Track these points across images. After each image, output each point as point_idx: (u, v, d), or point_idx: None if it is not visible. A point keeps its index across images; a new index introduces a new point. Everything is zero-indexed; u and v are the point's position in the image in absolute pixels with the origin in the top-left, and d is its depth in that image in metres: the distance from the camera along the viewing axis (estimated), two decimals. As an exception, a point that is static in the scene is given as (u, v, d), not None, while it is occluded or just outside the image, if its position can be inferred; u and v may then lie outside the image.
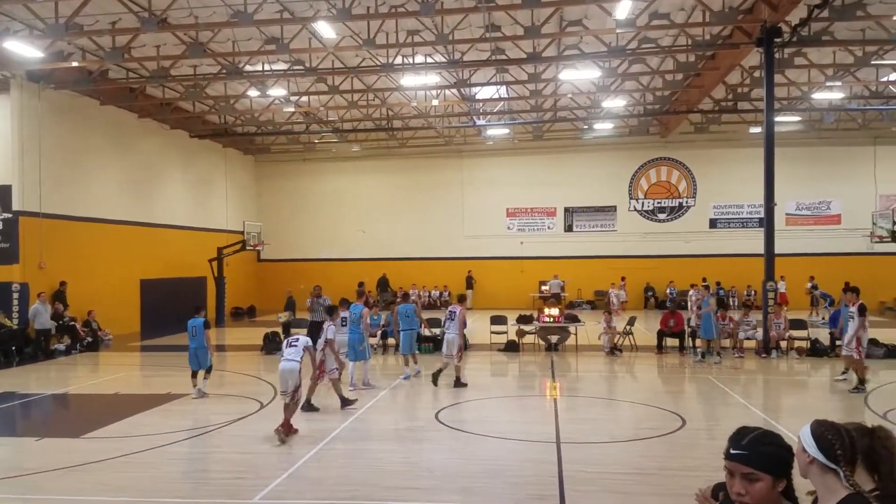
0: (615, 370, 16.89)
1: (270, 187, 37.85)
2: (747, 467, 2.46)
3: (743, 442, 2.51)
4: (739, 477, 2.48)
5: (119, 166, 26.08)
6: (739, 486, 2.47)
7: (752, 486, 2.44)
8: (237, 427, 10.95)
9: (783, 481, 2.46)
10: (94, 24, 18.79)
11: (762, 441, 2.50)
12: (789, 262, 28.08)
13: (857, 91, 27.58)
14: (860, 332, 13.52)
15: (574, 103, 29.27)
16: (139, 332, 26.01)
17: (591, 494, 7.67)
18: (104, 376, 17.16)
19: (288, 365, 10.05)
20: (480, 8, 17.49)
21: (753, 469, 2.45)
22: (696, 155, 34.61)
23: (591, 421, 11.45)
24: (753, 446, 2.48)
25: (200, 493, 7.83)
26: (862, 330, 13.60)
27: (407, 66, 22.24)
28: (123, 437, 10.29)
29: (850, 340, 13.48)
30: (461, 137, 35.06)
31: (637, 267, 33.88)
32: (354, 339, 14.11)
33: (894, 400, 12.47)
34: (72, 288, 22.27)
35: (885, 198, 32.89)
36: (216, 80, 23.73)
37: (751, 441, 2.50)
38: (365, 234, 36.40)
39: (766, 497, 2.44)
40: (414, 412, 12.13)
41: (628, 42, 21.34)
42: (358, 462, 8.97)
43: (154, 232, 27.69)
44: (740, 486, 2.47)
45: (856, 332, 13.46)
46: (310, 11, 18.32)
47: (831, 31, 20.34)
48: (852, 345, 13.46)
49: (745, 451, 2.48)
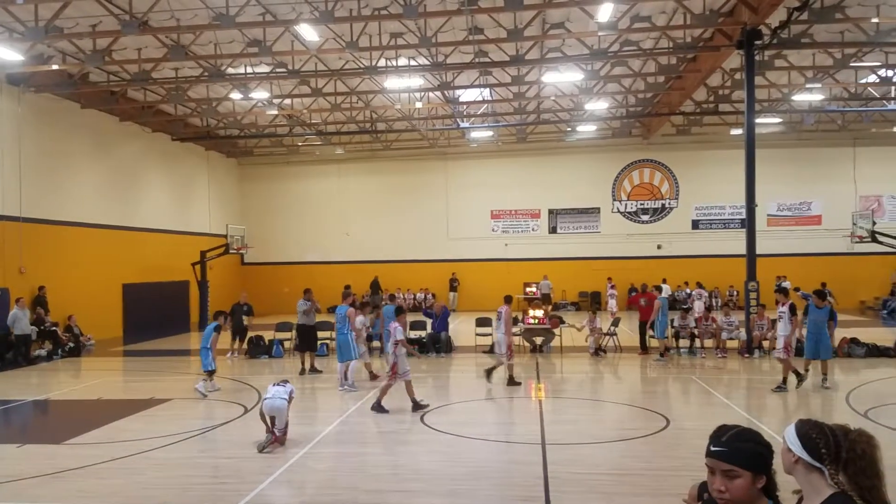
0: (600, 371, 16.96)
1: (254, 190, 37.67)
2: (727, 464, 2.49)
3: (723, 439, 2.54)
4: (720, 474, 2.51)
5: (100, 170, 25.88)
6: (720, 483, 2.50)
7: (732, 483, 2.47)
8: (221, 432, 10.89)
9: (763, 478, 2.49)
10: (74, 26, 18.63)
11: (741, 438, 2.53)
12: (771, 263, 28.31)
13: (836, 93, 27.90)
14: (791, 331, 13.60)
15: (557, 105, 29.39)
16: (122, 336, 25.79)
17: (577, 495, 7.69)
18: (86, 382, 17.02)
19: (277, 402, 9.78)
20: (463, 11, 17.53)
21: (733, 466, 2.48)
22: (678, 156, 34.86)
23: (575, 422, 11.48)
24: (733, 443, 2.52)
25: (184, 499, 7.77)
26: (793, 329, 13.67)
27: (390, 69, 22.24)
28: (106, 443, 10.20)
29: (783, 340, 13.60)
30: (445, 140, 35.08)
31: (621, 268, 34.04)
32: (341, 340, 14.16)
33: (875, 399, 12.60)
34: (53, 293, 22.06)
35: (865, 198, 33.29)
36: (198, 82, 23.60)
37: (730, 438, 2.53)
38: (349, 236, 36.32)
39: (746, 493, 2.47)
40: (399, 415, 12.11)
41: (610, 44, 21.46)
42: (343, 466, 8.95)
43: (136, 236, 27.49)
44: (720, 482, 2.50)
45: (791, 332, 13.58)
46: (292, 14, 18.28)
47: (811, 34, 20.55)
48: (781, 344, 13.57)
49: (724, 448, 2.52)
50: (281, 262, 36.47)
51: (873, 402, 12.22)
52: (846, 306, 30.65)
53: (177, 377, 17.14)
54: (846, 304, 30.94)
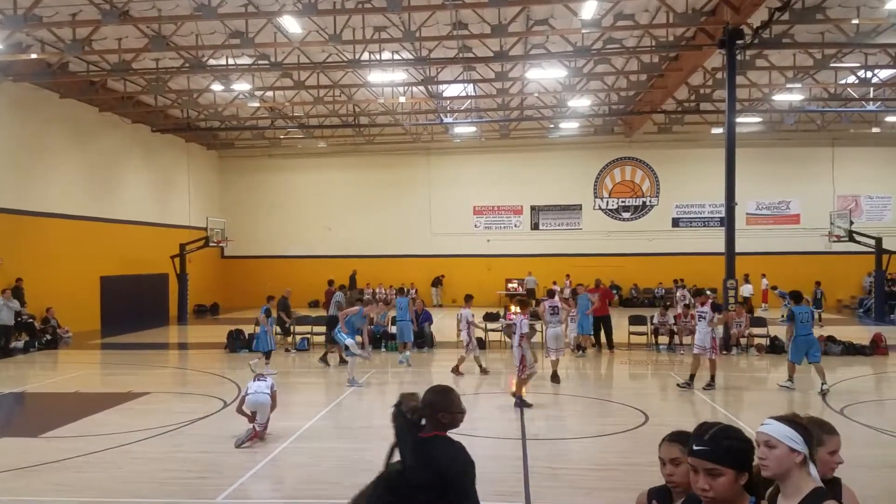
0: (580, 367, 17.03)
1: (234, 183, 37.39)
2: (710, 463, 2.46)
3: (705, 438, 2.51)
4: (703, 473, 2.48)
5: (79, 161, 25.57)
6: (703, 481, 2.48)
7: (716, 482, 2.45)
8: (200, 426, 10.82)
9: (745, 475, 2.47)
10: (53, 15, 18.37)
11: (723, 436, 2.50)
12: (749, 261, 28.58)
13: (816, 93, 28.16)
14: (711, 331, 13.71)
15: (540, 102, 29.43)
16: (99, 329, 25.53)
17: (557, 490, 7.72)
18: (63, 374, 16.84)
19: (261, 398, 9.76)
20: (448, 5, 17.49)
21: (716, 464, 2.45)
22: (659, 155, 35.05)
23: (556, 417, 11.54)
24: (715, 442, 2.48)
25: (162, 493, 7.71)
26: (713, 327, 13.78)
27: (374, 63, 22.13)
28: (83, 437, 10.10)
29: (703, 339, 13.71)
30: (428, 135, 35.02)
31: (602, 265, 34.16)
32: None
33: (851, 396, 12.77)
34: (30, 285, 21.79)
35: (843, 198, 33.70)
36: (179, 73, 23.37)
37: (712, 436, 2.50)
38: (331, 231, 36.18)
39: (729, 491, 2.45)
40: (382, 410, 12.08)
41: (594, 42, 21.53)
42: (324, 461, 8.92)
43: (115, 228, 27.20)
44: (704, 481, 2.47)
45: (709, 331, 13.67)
46: (275, 6, 18.15)
47: (792, 34, 20.72)
48: (706, 344, 13.65)
49: (707, 446, 2.48)
50: (261, 255, 36.26)
51: (849, 399, 12.39)
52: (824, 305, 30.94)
53: (154, 371, 17.00)
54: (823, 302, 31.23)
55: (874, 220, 33.01)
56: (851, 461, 4.02)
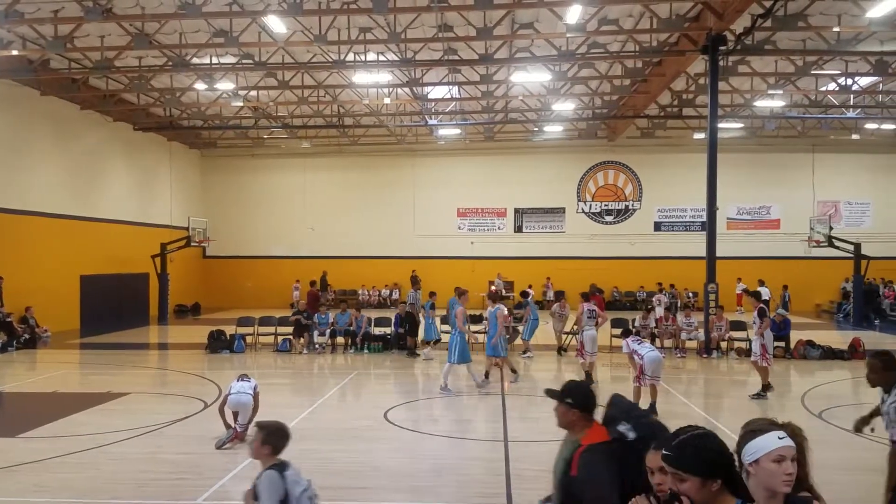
0: (562, 369, 17.09)
1: (217, 183, 37.13)
2: (672, 468, 2.56)
3: (673, 443, 2.61)
4: (671, 475, 2.59)
5: (59, 159, 25.31)
6: (672, 483, 2.59)
7: (682, 486, 2.53)
8: (180, 427, 10.75)
9: (716, 482, 2.50)
10: (35, 11, 18.19)
11: (691, 443, 2.57)
12: (730, 266, 28.79)
13: (797, 100, 28.44)
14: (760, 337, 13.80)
15: (525, 105, 29.53)
16: (79, 329, 25.28)
17: (539, 492, 7.68)
18: (42, 374, 16.67)
19: (244, 398, 9.73)
20: (433, 7, 17.51)
21: (677, 470, 2.54)
22: (642, 159, 35.26)
23: (538, 419, 11.56)
24: (681, 449, 2.57)
25: (142, 494, 7.66)
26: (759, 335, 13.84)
27: (359, 64, 22.09)
28: (62, 437, 10.01)
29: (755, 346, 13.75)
30: (413, 136, 35.00)
31: (584, 268, 34.27)
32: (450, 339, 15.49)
33: (829, 400, 12.90)
34: (8, 283, 21.54)
35: (823, 204, 34.06)
36: (162, 72, 23.17)
37: (679, 443, 2.59)
38: (314, 231, 36.05)
39: (698, 495, 2.51)
40: (363, 411, 12.09)
41: (578, 46, 21.62)
42: (304, 462, 8.82)
43: (95, 226, 26.94)
44: (672, 483, 2.59)
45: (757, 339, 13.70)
46: (260, 5, 18.07)
47: (774, 41, 20.92)
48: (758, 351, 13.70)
49: (671, 452, 2.59)
50: (243, 255, 36.06)
51: (827, 403, 12.51)
52: (803, 309, 31.33)
53: (134, 371, 16.86)
54: (802, 307, 31.61)
55: (853, 226, 33.35)
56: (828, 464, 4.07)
